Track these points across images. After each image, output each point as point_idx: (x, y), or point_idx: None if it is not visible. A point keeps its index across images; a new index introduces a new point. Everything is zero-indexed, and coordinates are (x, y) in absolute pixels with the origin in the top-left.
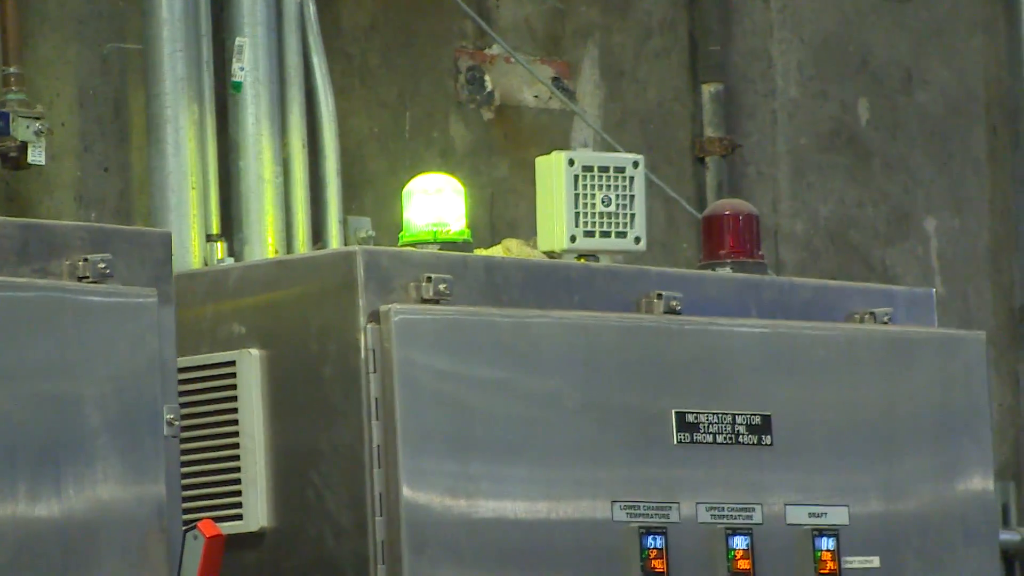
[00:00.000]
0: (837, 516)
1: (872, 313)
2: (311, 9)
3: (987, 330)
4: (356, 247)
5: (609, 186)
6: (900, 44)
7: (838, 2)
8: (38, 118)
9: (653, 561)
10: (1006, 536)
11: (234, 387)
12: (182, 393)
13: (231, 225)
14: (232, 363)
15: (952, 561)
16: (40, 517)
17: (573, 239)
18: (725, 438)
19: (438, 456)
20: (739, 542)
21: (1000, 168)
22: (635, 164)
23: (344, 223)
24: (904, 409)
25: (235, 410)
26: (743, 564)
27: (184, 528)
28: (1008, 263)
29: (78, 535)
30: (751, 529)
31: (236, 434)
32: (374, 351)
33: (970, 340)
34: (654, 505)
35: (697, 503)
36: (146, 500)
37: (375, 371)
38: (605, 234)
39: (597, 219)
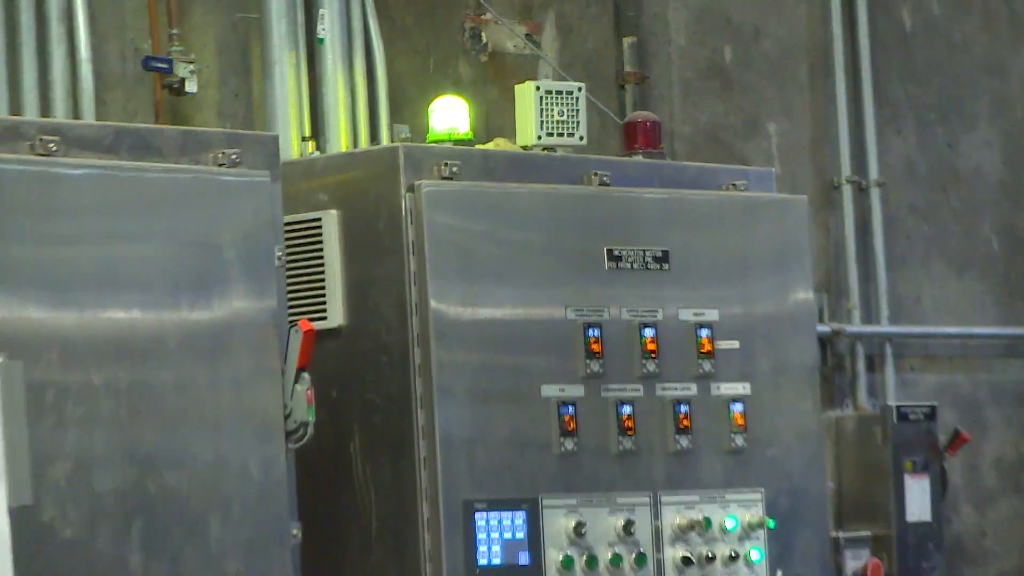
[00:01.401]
0: (711, 315)
1: (734, 184)
2: None
3: (808, 195)
4: (399, 144)
5: (563, 104)
6: (751, 9)
7: None
8: (191, 62)
9: (592, 345)
10: (821, 328)
11: (320, 234)
12: (287, 238)
13: (318, 130)
14: (319, 219)
15: (782, 342)
16: (196, 321)
17: (539, 138)
18: (639, 265)
19: (452, 280)
20: (648, 332)
21: (816, 90)
22: (579, 89)
23: (391, 129)
24: (756, 247)
25: (321, 249)
26: (651, 346)
27: (289, 326)
28: (821, 152)
29: (222, 332)
30: (656, 323)
31: (323, 265)
32: (410, 211)
33: (797, 202)
34: (593, 309)
35: (621, 307)
36: (265, 309)
37: (412, 224)
38: (560, 135)
39: (555, 125)
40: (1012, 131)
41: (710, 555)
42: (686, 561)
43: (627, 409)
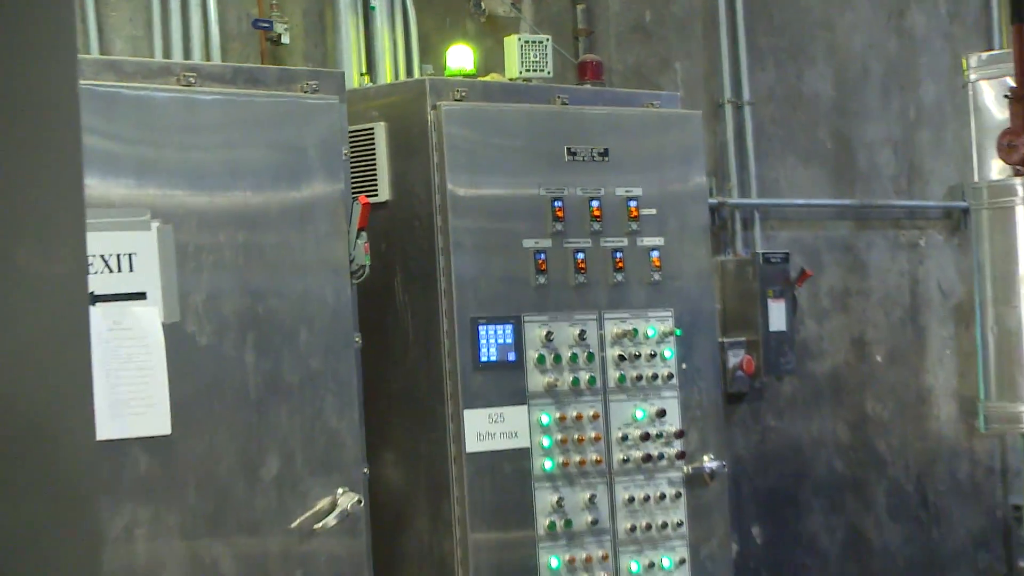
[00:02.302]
0: (637, 191)
1: (652, 103)
2: None
3: (702, 111)
4: (426, 77)
5: (536, 50)
6: None
7: None
8: (285, 23)
9: (557, 212)
10: (711, 201)
11: (373, 138)
12: (351, 141)
13: (371, 68)
14: (372, 128)
15: (685, 209)
16: (290, 198)
17: (520, 73)
18: (588, 158)
19: (463, 171)
20: (595, 203)
21: (707, 40)
22: (547, 40)
23: (421, 67)
24: (666, 145)
25: (374, 148)
26: (596, 212)
27: (352, 200)
28: (711, 82)
29: (307, 206)
30: (600, 197)
31: (375, 159)
32: (434, 123)
33: (694, 116)
34: (557, 188)
35: (576, 187)
36: (336, 190)
37: (435, 132)
38: (534, 71)
39: (531, 64)
40: (838, 68)
41: (637, 354)
42: (621, 358)
43: (580, 255)
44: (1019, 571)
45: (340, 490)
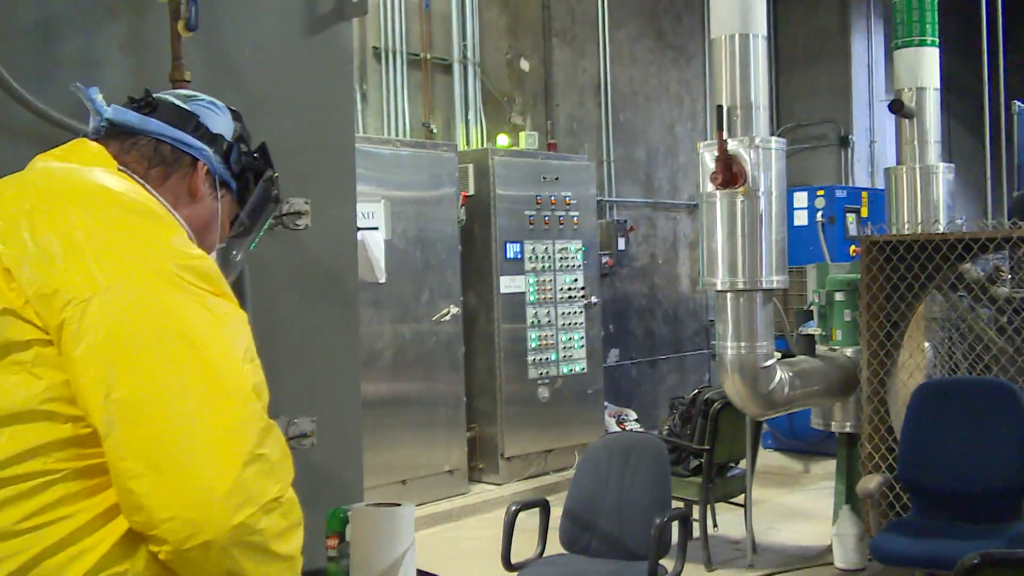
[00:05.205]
0: (570, 194)
1: (576, 160)
2: None
3: (594, 163)
4: (488, 147)
5: (531, 138)
6: (587, 116)
7: None
8: (435, 124)
9: (537, 201)
10: (598, 198)
11: (468, 172)
12: (460, 172)
13: (468, 142)
14: (468, 167)
15: (587, 201)
16: (435, 194)
17: (526, 146)
18: (551, 180)
19: (502, 185)
20: (553, 196)
21: (598, 136)
22: (536, 134)
23: (486, 142)
24: (579, 177)
25: (468, 175)
26: (553, 202)
27: (458, 194)
28: (599, 151)
29: (441, 198)
30: (555, 196)
31: (468, 179)
32: (492, 166)
33: (591, 165)
34: (538, 192)
35: (545, 191)
36: (453, 191)
37: (492, 169)
38: (530, 145)
39: (529, 144)
40: (648, 148)
41: (567, 257)
42: (560, 258)
43: (547, 217)
44: (712, 347)
45: (452, 305)
